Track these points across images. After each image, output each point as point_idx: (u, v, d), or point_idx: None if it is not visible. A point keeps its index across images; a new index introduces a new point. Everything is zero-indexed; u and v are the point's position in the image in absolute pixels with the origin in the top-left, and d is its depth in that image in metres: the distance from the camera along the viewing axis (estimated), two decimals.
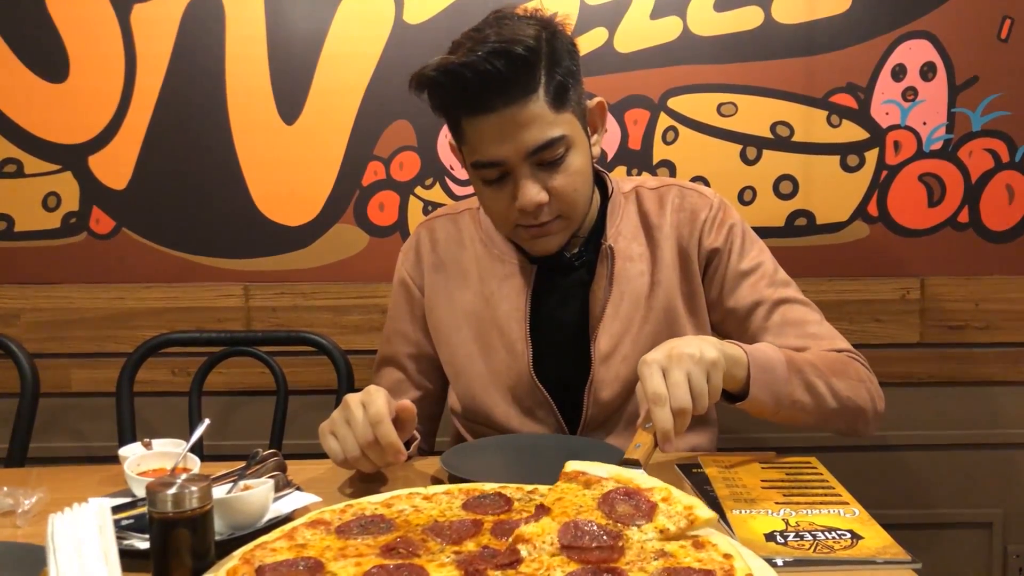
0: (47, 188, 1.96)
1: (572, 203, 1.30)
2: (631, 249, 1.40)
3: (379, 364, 1.52)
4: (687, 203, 1.41)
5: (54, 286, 1.98)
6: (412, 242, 1.51)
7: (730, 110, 1.97)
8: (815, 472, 1.19)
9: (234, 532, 0.98)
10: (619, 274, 1.38)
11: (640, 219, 1.42)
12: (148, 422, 1.93)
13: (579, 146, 1.29)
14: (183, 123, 1.95)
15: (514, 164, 1.25)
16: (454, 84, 1.22)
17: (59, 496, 1.14)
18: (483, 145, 1.25)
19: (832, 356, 1.31)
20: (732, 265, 1.39)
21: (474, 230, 1.46)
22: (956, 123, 1.97)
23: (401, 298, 1.50)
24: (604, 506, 0.93)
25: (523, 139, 1.23)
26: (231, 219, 1.98)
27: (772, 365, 1.20)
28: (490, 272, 1.42)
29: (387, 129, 1.96)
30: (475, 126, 1.24)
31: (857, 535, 0.97)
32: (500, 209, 1.30)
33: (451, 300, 1.44)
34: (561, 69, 1.24)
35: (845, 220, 2.00)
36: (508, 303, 1.40)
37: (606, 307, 1.37)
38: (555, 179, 1.27)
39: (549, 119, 1.23)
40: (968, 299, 2.01)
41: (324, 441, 1.19)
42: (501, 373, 1.39)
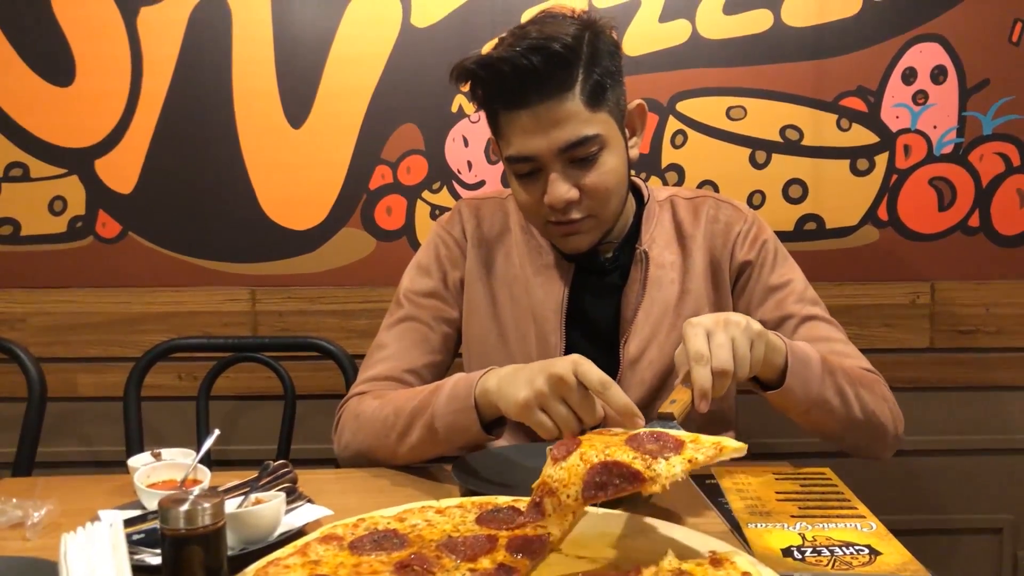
0: (53, 192, 1.96)
1: (603, 202, 1.30)
2: (663, 257, 1.40)
3: (395, 321, 1.44)
4: (722, 215, 1.43)
5: (60, 290, 1.98)
6: (455, 214, 1.49)
7: (739, 113, 1.96)
8: (830, 484, 1.19)
9: (246, 547, 0.97)
10: (652, 280, 1.39)
11: (675, 228, 1.43)
12: (155, 427, 1.93)
13: (614, 147, 1.29)
14: (189, 127, 1.94)
15: (546, 160, 1.26)
16: (492, 77, 1.24)
17: (69, 507, 1.14)
18: (517, 139, 1.26)
19: (859, 370, 1.31)
20: (763, 279, 1.39)
21: (517, 216, 1.47)
22: (967, 127, 1.96)
23: (439, 260, 1.46)
24: (632, 443, 0.93)
25: (556, 136, 1.23)
26: (237, 223, 1.97)
27: (809, 360, 1.19)
28: (528, 260, 1.43)
29: (394, 133, 1.95)
30: (510, 120, 1.25)
31: (875, 551, 0.96)
32: (531, 204, 1.31)
33: (490, 280, 1.44)
34: (600, 69, 1.25)
35: (855, 224, 1.99)
36: (544, 293, 1.40)
37: (638, 311, 1.38)
38: (587, 177, 1.27)
39: (584, 117, 1.24)
40: (979, 304, 2.00)
41: (530, 416, 1.08)
42: (528, 362, 1.37)
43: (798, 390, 1.18)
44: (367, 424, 1.31)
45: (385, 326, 1.46)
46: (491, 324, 1.44)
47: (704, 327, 1.08)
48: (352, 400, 1.39)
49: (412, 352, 1.41)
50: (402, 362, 1.40)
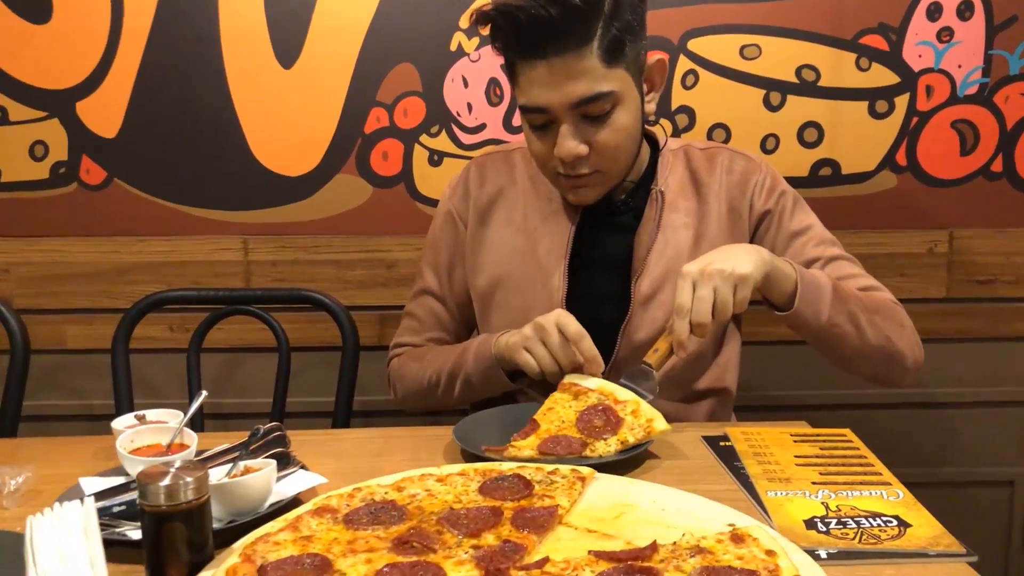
0: (34, 136, 1.86)
1: (612, 159, 1.30)
2: (678, 202, 1.41)
3: (416, 293, 1.54)
4: (737, 166, 1.43)
5: (45, 239, 1.90)
6: (462, 177, 1.51)
7: (753, 52, 1.86)
8: (851, 446, 1.13)
9: (234, 519, 0.91)
10: (666, 221, 1.39)
11: (690, 176, 1.43)
12: (146, 380, 1.88)
13: (628, 103, 1.28)
14: (174, 67, 1.84)
15: (558, 113, 1.25)
16: (509, 25, 1.22)
17: (49, 473, 1.08)
18: (531, 90, 1.24)
19: (879, 298, 1.35)
20: (783, 227, 1.40)
21: (524, 167, 1.47)
22: (993, 66, 1.86)
23: (445, 231, 1.50)
24: (580, 423, 1.13)
25: (570, 90, 1.22)
26: (228, 169, 1.88)
27: (820, 286, 1.24)
28: (535, 209, 1.43)
29: (390, 73, 1.85)
30: (525, 70, 1.24)
31: (904, 522, 0.90)
32: (542, 154, 1.31)
33: (496, 235, 1.45)
34: (619, 23, 1.23)
35: (872, 170, 1.90)
36: (550, 239, 1.40)
37: (651, 249, 1.37)
38: (598, 134, 1.26)
39: (600, 73, 1.22)
40: (998, 252, 1.93)
41: (518, 355, 1.26)
42: (534, 309, 1.37)
43: (808, 314, 1.23)
44: (414, 384, 1.46)
45: (411, 294, 1.56)
46: (497, 275, 1.44)
47: (692, 278, 1.16)
48: (394, 362, 1.52)
49: (430, 323, 1.51)
50: (424, 334, 1.52)
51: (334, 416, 1.69)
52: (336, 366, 1.69)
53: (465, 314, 1.52)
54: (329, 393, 1.70)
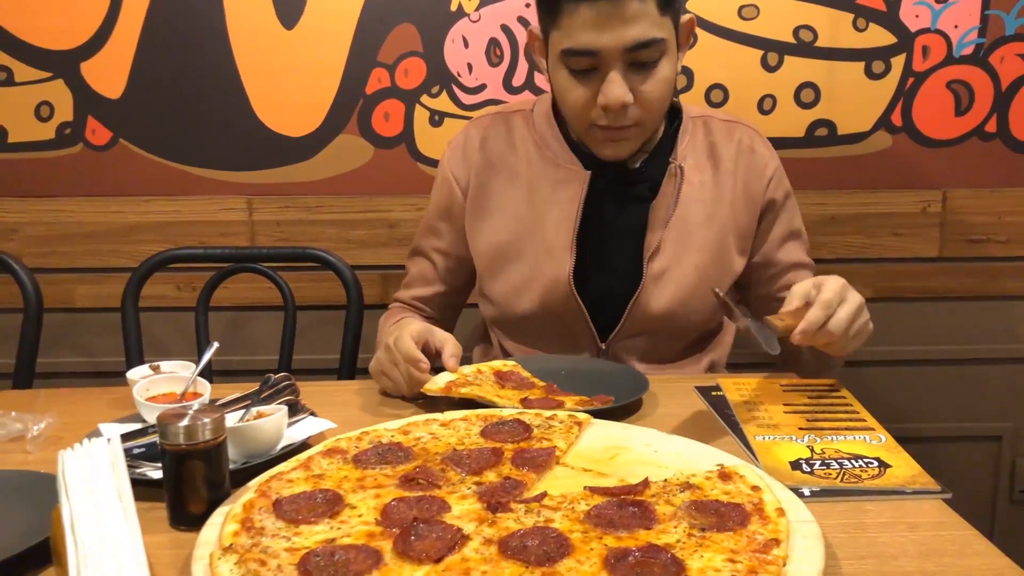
0: (39, 97, 1.88)
1: (654, 111, 1.28)
2: (694, 176, 1.38)
3: (411, 252, 1.56)
4: (757, 148, 1.43)
5: (52, 199, 1.93)
6: (460, 139, 1.48)
7: (751, 13, 1.87)
8: (838, 396, 1.17)
9: (248, 460, 0.96)
10: (684, 196, 1.36)
11: (707, 148, 1.41)
12: (155, 337, 1.92)
13: (672, 55, 1.26)
14: (178, 27, 1.86)
15: (608, 58, 1.21)
16: None
17: (69, 420, 1.13)
18: (581, 32, 1.20)
19: None
20: (783, 223, 1.42)
21: (527, 132, 1.44)
22: (989, 26, 1.87)
23: (442, 195, 1.49)
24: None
25: (625, 33, 1.18)
26: (231, 129, 1.90)
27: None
28: (542, 175, 1.40)
29: (391, 33, 1.86)
30: (577, 10, 1.19)
31: (884, 463, 0.95)
32: (580, 104, 1.27)
33: (498, 200, 1.42)
34: None
35: (867, 130, 1.92)
36: (558, 208, 1.37)
37: (668, 225, 1.35)
38: (645, 83, 1.24)
39: (655, 19, 1.20)
40: (991, 212, 1.96)
41: (378, 382, 1.27)
42: (537, 278, 1.37)
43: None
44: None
45: (408, 252, 1.57)
46: (499, 244, 1.42)
47: (844, 289, 1.09)
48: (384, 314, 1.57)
49: (419, 283, 1.53)
50: (412, 291, 1.54)
51: (339, 373, 1.73)
52: (340, 324, 1.73)
53: (457, 277, 1.51)
54: (334, 350, 1.74)
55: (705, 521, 0.78)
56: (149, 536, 0.74)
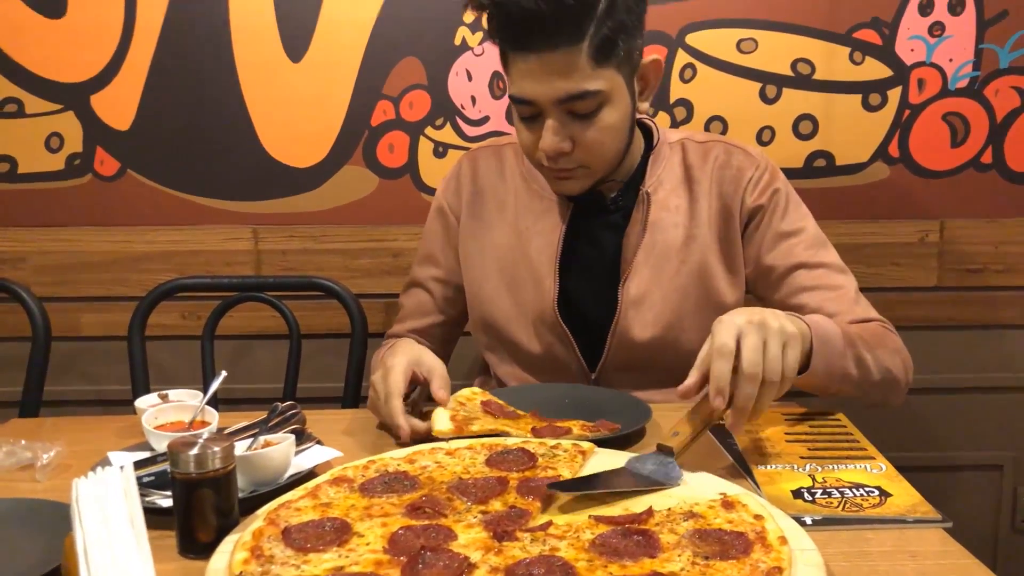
0: (49, 128, 1.92)
1: (597, 156, 1.29)
2: (669, 200, 1.39)
3: (406, 286, 1.56)
4: (733, 161, 1.40)
5: (60, 229, 1.95)
6: (454, 171, 1.52)
7: (750, 47, 1.91)
8: (840, 426, 1.19)
9: (256, 489, 0.97)
10: (654, 222, 1.37)
11: (684, 171, 1.41)
12: (160, 366, 1.93)
13: (617, 102, 1.26)
14: (186, 61, 1.89)
15: (545, 107, 1.24)
16: (501, 15, 1.21)
17: (77, 449, 1.14)
18: (520, 82, 1.24)
19: (873, 327, 1.30)
20: (773, 225, 1.37)
21: (516, 163, 1.47)
22: (983, 60, 1.91)
23: (437, 224, 1.52)
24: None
25: (557, 86, 1.21)
26: (238, 160, 1.93)
27: (831, 339, 1.14)
28: (527, 207, 1.43)
29: (396, 67, 1.90)
30: (516, 61, 1.23)
31: (885, 492, 0.96)
32: (529, 144, 1.31)
33: (485, 231, 1.45)
34: (613, 23, 1.20)
35: (865, 161, 1.95)
36: (541, 238, 1.40)
37: (638, 252, 1.37)
38: (584, 131, 1.25)
39: (588, 72, 1.21)
40: (988, 241, 1.98)
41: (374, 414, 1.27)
42: (525, 307, 1.40)
43: (821, 371, 1.12)
44: None
45: (402, 287, 1.58)
46: (487, 274, 1.44)
47: (736, 326, 1.00)
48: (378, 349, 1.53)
49: (416, 315, 1.53)
50: (409, 324, 1.53)
51: (343, 401, 1.74)
52: (345, 352, 1.75)
53: (454, 306, 1.52)
54: (338, 379, 1.76)
55: (708, 549, 0.79)
56: (159, 564, 0.75)
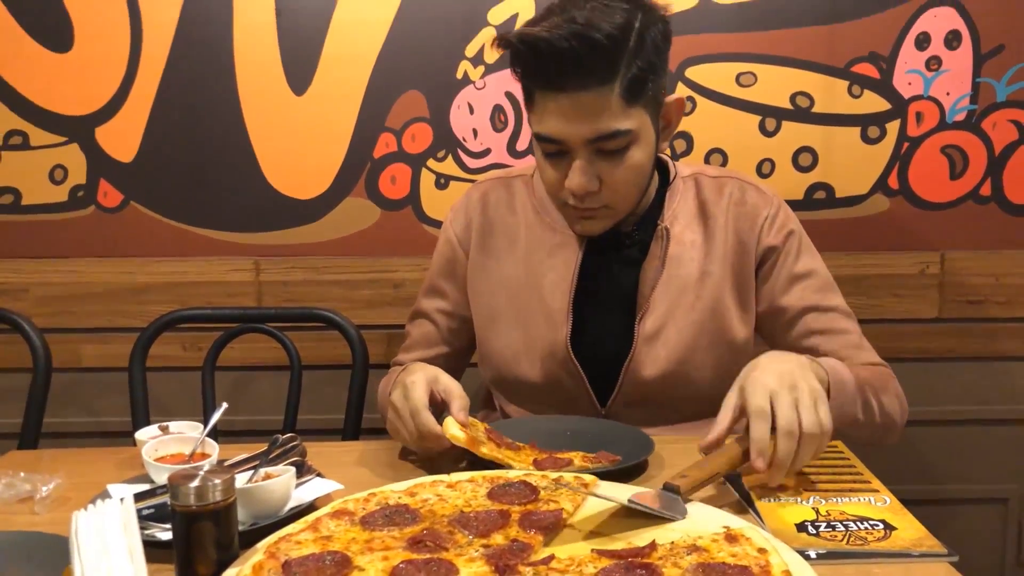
0: (54, 160, 1.93)
1: (623, 196, 1.30)
2: (685, 236, 1.39)
3: (412, 316, 1.55)
4: (748, 198, 1.41)
5: (63, 260, 1.96)
6: (462, 203, 1.51)
7: (749, 80, 1.92)
8: (842, 456, 1.18)
9: (256, 521, 0.96)
10: (672, 256, 1.38)
11: (698, 206, 1.41)
12: (160, 398, 1.92)
13: (644, 141, 1.27)
14: (191, 94, 1.91)
15: (574, 146, 1.24)
16: (531, 54, 1.21)
17: (77, 481, 1.13)
18: (548, 120, 1.24)
19: (878, 371, 1.33)
20: (787, 267, 1.39)
21: (527, 197, 1.47)
22: (980, 93, 1.92)
23: (444, 256, 1.51)
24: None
25: (588, 126, 1.21)
26: (241, 192, 1.94)
27: (845, 385, 1.19)
28: (539, 241, 1.42)
29: (398, 100, 1.92)
30: (545, 99, 1.23)
31: (890, 526, 0.95)
32: (552, 183, 1.31)
33: (495, 265, 1.45)
34: (642, 62, 1.21)
35: (865, 193, 1.96)
36: (555, 273, 1.39)
37: (656, 287, 1.36)
38: (611, 170, 1.26)
39: (619, 111, 1.21)
40: (988, 273, 1.98)
41: (395, 436, 1.25)
42: (535, 343, 1.39)
43: (835, 416, 1.12)
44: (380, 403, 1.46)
45: (408, 316, 1.57)
46: (498, 307, 1.44)
47: (768, 388, 1.04)
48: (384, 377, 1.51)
49: (422, 346, 1.52)
50: (415, 354, 1.51)
51: (343, 433, 1.74)
52: (345, 384, 1.75)
53: (460, 338, 1.52)
54: (339, 411, 1.75)
55: None
56: None
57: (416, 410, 1.16)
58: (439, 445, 1.15)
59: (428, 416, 1.15)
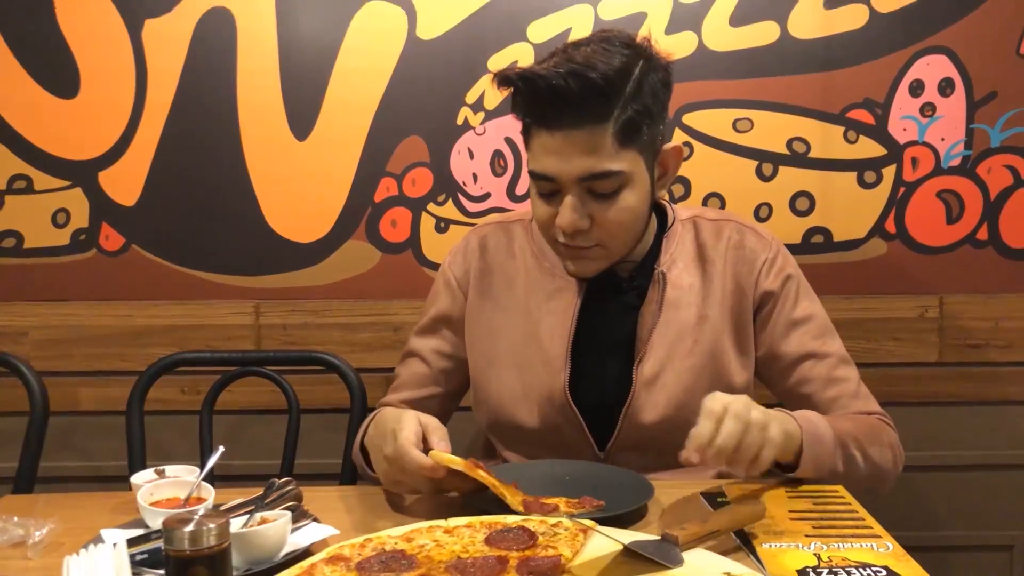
0: (57, 204, 1.94)
1: (614, 236, 1.30)
2: (683, 279, 1.39)
3: (404, 356, 1.53)
4: (747, 241, 1.42)
5: (63, 303, 1.96)
6: (461, 246, 1.51)
7: (746, 126, 1.95)
8: (843, 502, 1.17)
9: (251, 567, 0.95)
10: (669, 301, 1.37)
11: (696, 249, 1.42)
12: (157, 441, 1.91)
13: (638, 185, 1.28)
14: (194, 138, 1.93)
15: (565, 184, 1.26)
16: (529, 91, 1.23)
17: (71, 525, 1.12)
18: (542, 157, 1.26)
19: (869, 422, 1.34)
20: (785, 312, 1.39)
21: (525, 241, 1.47)
22: (975, 139, 1.94)
23: (442, 297, 1.50)
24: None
25: (578, 164, 1.23)
26: (242, 236, 1.96)
27: (821, 439, 1.22)
28: (538, 285, 1.42)
29: (400, 145, 1.94)
30: (539, 137, 1.25)
31: (893, 572, 0.94)
32: (545, 220, 1.32)
33: (493, 310, 1.44)
34: (638, 106, 1.23)
35: (863, 237, 1.97)
36: (553, 318, 1.39)
37: (654, 331, 1.36)
38: (603, 210, 1.27)
39: (611, 152, 1.23)
40: (988, 317, 1.98)
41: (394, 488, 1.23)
42: (533, 388, 1.38)
43: (810, 470, 1.21)
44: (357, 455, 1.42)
45: (400, 356, 1.54)
46: (495, 352, 1.43)
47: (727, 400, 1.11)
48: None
49: (412, 386, 1.49)
50: (404, 394, 1.48)
51: (341, 478, 1.73)
52: (343, 428, 1.74)
53: (452, 380, 1.50)
54: (336, 455, 1.74)
55: None
56: None
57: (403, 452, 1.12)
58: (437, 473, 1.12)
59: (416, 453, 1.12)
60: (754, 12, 1.90)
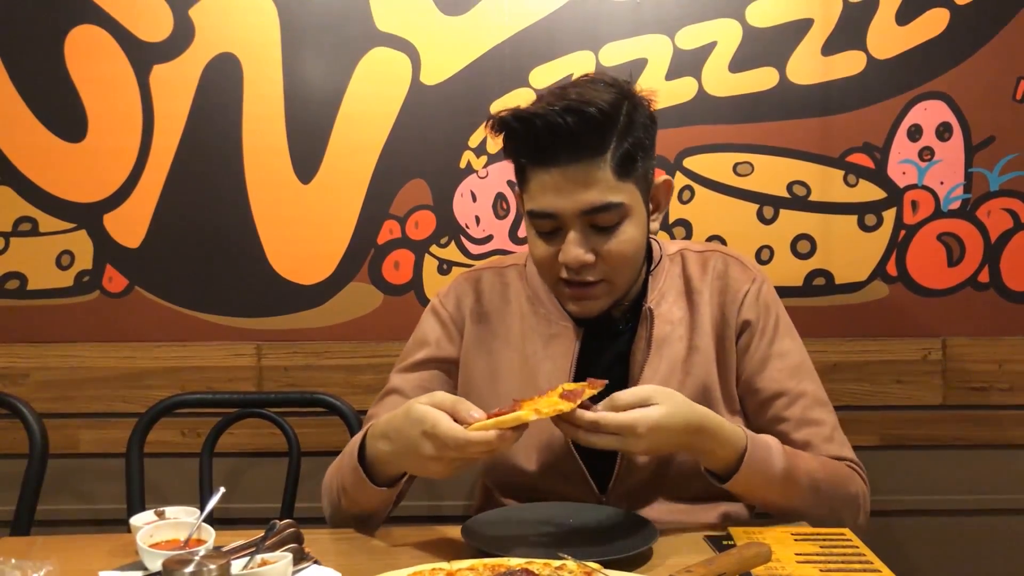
0: (61, 246, 1.96)
1: (618, 269, 1.30)
2: (672, 313, 1.39)
3: (385, 393, 1.44)
4: (731, 272, 1.41)
5: (65, 345, 1.97)
6: (453, 288, 1.48)
7: (746, 169, 1.97)
8: (850, 544, 1.15)
9: None
10: (658, 337, 1.37)
11: (683, 282, 1.42)
12: (157, 484, 1.89)
13: (636, 217, 1.29)
14: (199, 182, 1.95)
15: (567, 220, 1.26)
16: (525, 131, 1.24)
17: (69, 568, 1.11)
18: (542, 196, 1.26)
19: (834, 466, 1.32)
20: (763, 346, 1.38)
21: (520, 287, 1.45)
22: (974, 183, 1.96)
23: (434, 336, 1.44)
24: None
25: (581, 197, 1.24)
26: (245, 278, 1.96)
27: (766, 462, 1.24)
28: (534, 331, 1.40)
29: (403, 188, 1.96)
30: (538, 176, 1.26)
31: None
32: (547, 260, 1.31)
33: (490, 354, 1.42)
34: (632, 139, 1.25)
35: (864, 280, 1.98)
36: (551, 363, 1.38)
37: (644, 369, 1.35)
38: (605, 244, 1.27)
39: (611, 184, 1.24)
40: (991, 360, 1.98)
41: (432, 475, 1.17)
42: (533, 434, 1.33)
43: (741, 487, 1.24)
44: (326, 490, 1.40)
45: (377, 398, 1.46)
46: (493, 397, 1.39)
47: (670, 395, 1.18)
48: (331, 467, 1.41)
49: None
50: None
51: None
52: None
53: None
54: None
55: None
56: None
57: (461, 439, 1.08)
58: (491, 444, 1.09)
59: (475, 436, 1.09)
60: (753, 58, 1.94)
